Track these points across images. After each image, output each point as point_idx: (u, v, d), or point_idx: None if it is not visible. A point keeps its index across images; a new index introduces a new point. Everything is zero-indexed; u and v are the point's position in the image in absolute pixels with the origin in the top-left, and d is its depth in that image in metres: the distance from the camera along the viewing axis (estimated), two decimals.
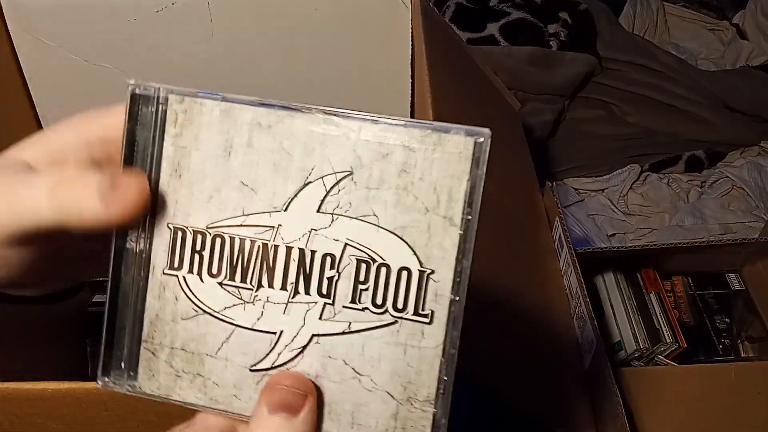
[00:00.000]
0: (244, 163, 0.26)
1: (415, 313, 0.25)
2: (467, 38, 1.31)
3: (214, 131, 0.26)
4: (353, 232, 0.25)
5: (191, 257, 0.27)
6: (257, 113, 0.26)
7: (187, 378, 0.27)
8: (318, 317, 0.26)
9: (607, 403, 0.54)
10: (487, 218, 0.61)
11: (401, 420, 0.25)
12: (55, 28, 0.70)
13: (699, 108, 1.23)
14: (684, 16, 1.53)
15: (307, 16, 0.71)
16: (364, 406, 0.26)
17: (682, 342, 0.74)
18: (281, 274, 0.26)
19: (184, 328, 0.27)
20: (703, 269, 0.86)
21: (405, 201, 0.25)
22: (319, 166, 0.25)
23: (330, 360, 0.26)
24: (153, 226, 0.27)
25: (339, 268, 0.25)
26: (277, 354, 0.26)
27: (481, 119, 0.75)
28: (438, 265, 0.25)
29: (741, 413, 0.64)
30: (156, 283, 0.27)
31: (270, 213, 0.26)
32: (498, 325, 0.51)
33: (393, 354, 0.25)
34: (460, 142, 0.25)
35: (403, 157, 0.25)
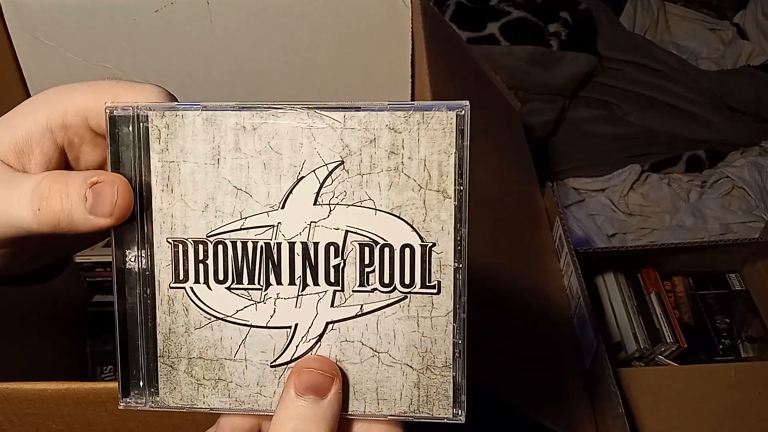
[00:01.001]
0: (234, 168, 0.26)
1: (423, 285, 0.26)
2: (467, 37, 1.31)
3: (199, 141, 0.26)
4: (352, 219, 0.26)
5: (196, 268, 0.27)
6: (240, 117, 0.26)
7: (209, 385, 0.28)
8: (330, 305, 0.27)
9: (607, 403, 0.54)
10: (487, 218, 0.61)
11: (424, 388, 0.27)
12: (54, 27, 0.70)
13: (699, 108, 1.23)
14: (684, 16, 1.53)
15: (307, 16, 0.71)
16: (386, 381, 0.27)
17: (682, 342, 0.73)
18: (288, 270, 0.27)
19: (199, 338, 0.27)
20: (704, 269, 0.86)
21: (398, 181, 0.26)
22: (309, 160, 0.26)
23: (347, 343, 0.27)
24: (152, 243, 0.27)
25: (343, 255, 0.26)
26: (295, 346, 0.27)
27: (481, 119, 0.75)
28: (438, 237, 0.26)
29: (741, 413, 0.64)
30: (164, 299, 0.27)
31: (268, 213, 0.26)
32: (498, 324, 0.51)
33: (407, 328, 0.26)
34: (443, 117, 0.25)
35: (390, 139, 0.25)
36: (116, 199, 0.26)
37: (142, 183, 0.27)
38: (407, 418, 0.27)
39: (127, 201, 0.26)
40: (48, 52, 0.71)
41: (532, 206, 0.75)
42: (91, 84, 0.28)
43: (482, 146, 0.70)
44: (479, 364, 0.45)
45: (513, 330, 0.53)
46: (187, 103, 0.27)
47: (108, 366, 0.78)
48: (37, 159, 0.27)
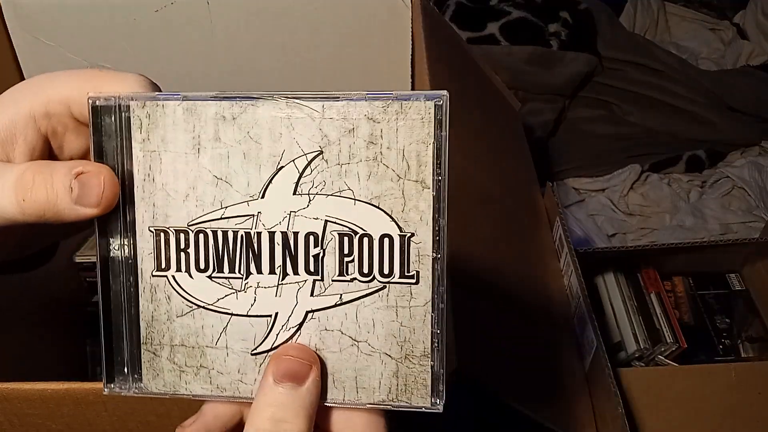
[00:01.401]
0: (215, 158, 0.26)
1: (402, 276, 0.26)
2: (467, 37, 1.31)
3: (180, 131, 0.27)
4: (331, 209, 0.26)
5: (177, 256, 0.27)
6: (220, 107, 0.26)
7: (191, 371, 0.28)
8: (309, 294, 0.27)
9: (607, 403, 0.54)
10: (487, 218, 0.61)
11: (402, 377, 0.27)
12: (54, 27, 0.70)
13: (699, 108, 1.23)
14: (684, 16, 1.53)
15: (307, 16, 0.71)
16: (365, 370, 0.27)
17: (682, 342, 0.73)
18: (268, 259, 0.27)
19: (181, 325, 0.28)
20: (704, 269, 0.86)
21: (377, 171, 0.26)
22: (288, 150, 0.26)
23: (327, 332, 0.27)
24: (134, 232, 0.27)
25: (323, 245, 0.26)
26: (276, 335, 0.27)
27: (481, 119, 0.75)
28: (417, 227, 0.26)
29: (741, 413, 0.63)
30: (147, 287, 0.28)
31: (248, 202, 0.26)
32: (498, 324, 0.51)
33: (386, 317, 0.26)
34: (421, 107, 0.26)
35: (368, 129, 0.26)
36: (103, 189, 0.26)
37: (124, 172, 0.27)
38: (386, 406, 0.27)
39: (113, 191, 0.26)
40: (48, 52, 0.71)
41: (532, 206, 0.75)
42: (74, 72, 0.27)
43: (482, 146, 0.69)
44: (479, 364, 0.45)
45: (513, 330, 0.53)
46: (168, 93, 0.27)
47: None
48: (21, 148, 0.27)
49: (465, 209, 0.56)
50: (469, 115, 0.70)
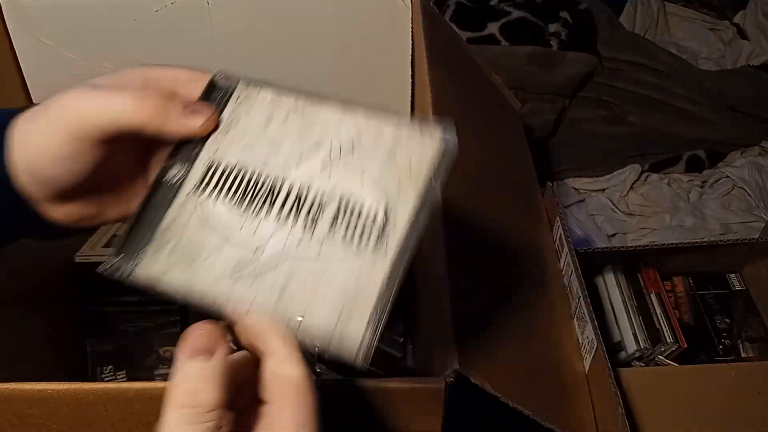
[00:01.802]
0: (277, 132, 0.35)
1: (374, 249, 0.32)
2: (467, 37, 1.31)
3: (263, 108, 0.36)
4: (343, 185, 0.33)
5: (214, 185, 0.34)
6: (298, 102, 0.36)
7: (177, 272, 0.33)
8: (296, 241, 0.32)
9: (607, 403, 0.54)
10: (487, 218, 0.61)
11: (340, 330, 0.30)
12: (54, 27, 0.70)
13: (699, 108, 1.23)
14: (685, 16, 1.53)
15: (307, 16, 0.71)
16: (314, 316, 0.31)
17: (682, 342, 0.73)
18: (278, 208, 0.33)
19: (192, 233, 0.33)
20: (704, 269, 0.86)
21: (386, 169, 0.33)
22: (329, 139, 0.34)
23: (300, 274, 0.32)
24: (194, 162, 0.35)
25: (324, 205, 0.33)
26: (254, 267, 0.32)
27: (481, 119, 0.75)
28: (400, 215, 0.32)
29: (741, 413, 0.63)
30: (179, 202, 0.34)
31: (285, 164, 0.34)
32: (498, 324, 0.51)
33: (350, 277, 0.31)
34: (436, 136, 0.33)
35: (392, 138, 0.34)
36: (208, 118, 0.34)
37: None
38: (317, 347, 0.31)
39: (213, 122, 0.35)
40: (48, 52, 0.71)
41: (532, 206, 0.75)
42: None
43: (482, 146, 0.69)
44: (479, 365, 0.45)
45: (513, 330, 0.53)
46: (266, 82, 0.37)
47: (108, 366, 0.78)
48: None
49: (465, 209, 0.56)
50: (469, 115, 0.70)
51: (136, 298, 0.82)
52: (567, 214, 1.13)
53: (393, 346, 0.76)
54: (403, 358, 0.76)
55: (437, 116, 0.60)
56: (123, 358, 0.79)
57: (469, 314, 0.47)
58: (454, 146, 0.33)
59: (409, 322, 0.78)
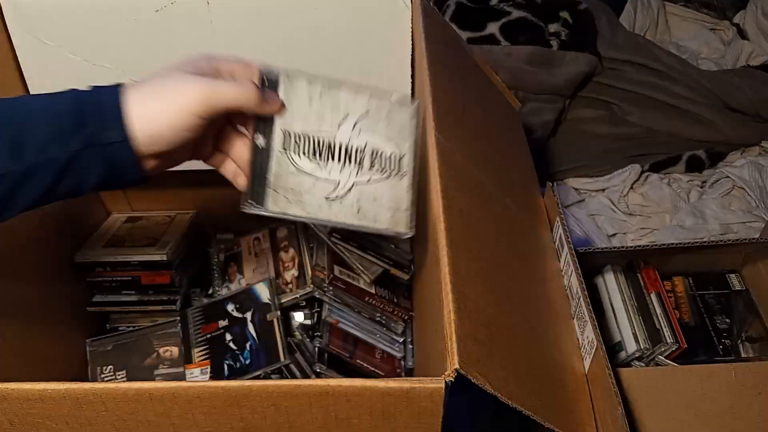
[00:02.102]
0: (318, 107, 0.52)
1: (397, 173, 0.53)
2: (467, 37, 1.31)
3: (302, 91, 0.52)
4: (368, 138, 0.53)
5: (294, 144, 0.51)
6: (323, 84, 0.52)
7: (294, 203, 0.51)
8: (356, 174, 0.52)
9: (607, 403, 0.54)
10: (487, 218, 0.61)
11: (395, 216, 0.53)
12: (54, 28, 0.70)
13: (700, 108, 1.23)
14: (685, 16, 1.53)
15: (307, 16, 0.71)
16: (380, 209, 0.53)
17: (682, 342, 0.73)
18: (337, 155, 0.52)
19: (292, 179, 0.51)
20: (704, 269, 0.86)
21: (390, 127, 0.54)
22: (352, 110, 0.53)
23: (364, 194, 0.52)
24: (272, 131, 0.51)
25: (363, 153, 0.53)
26: (337, 191, 0.52)
27: (482, 119, 0.75)
28: (405, 153, 0.54)
29: (741, 413, 0.63)
30: (275, 156, 0.51)
31: (330, 129, 0.52)
32: (497, 324, 0.51)
33: (390, 189, 0.53)
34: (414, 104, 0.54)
35: (388, 108, 0.54)
36: (278, 102, 0.51)
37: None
38: (381, 228, 0.52)
39: (280, 105, 0.51)
40: (48, 52, 0.71)
41: (532, 206, 0.75)
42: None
43: (482, 146, 0.69)
44: (479, 364, 0.45)
45: (513, 329, 0.53)
46: (299, 71, 0.52)
47: (108, 366, 0.79)
48: None
49: (465, 209, 0.56)
50: (469, 115, 0.70)
51: (137, 298, 0.82)
52: (567, 214, 1.13)
53: (393, 346, 0.76)
54: (403, 358, 0.76)
55: (436, 117, 0.60)
56: (123, 358, 0.79)
57: (469, 314, 0.47)
58: (421, 109, 0.56)
59: (409, 322, 0.78)
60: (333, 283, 0.74)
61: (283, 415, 0.46)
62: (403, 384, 0.43)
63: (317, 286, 0.75)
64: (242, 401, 0.44)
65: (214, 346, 0.75)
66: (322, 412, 0.45)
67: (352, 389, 0.43)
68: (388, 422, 0.46)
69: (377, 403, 0.44)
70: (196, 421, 0.45)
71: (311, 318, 0.80)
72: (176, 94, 0.45)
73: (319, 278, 0.75)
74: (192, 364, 0.74)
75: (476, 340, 0.46)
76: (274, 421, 0.46)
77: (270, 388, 0.43)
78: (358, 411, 0.45)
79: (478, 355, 0.45)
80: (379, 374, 0.73)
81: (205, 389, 0.43)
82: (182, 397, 0.43)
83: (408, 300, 0.79)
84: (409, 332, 0.78)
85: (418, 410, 0.45)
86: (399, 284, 0.79)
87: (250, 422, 0.46)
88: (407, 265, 0.77)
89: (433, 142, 0.57)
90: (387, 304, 0.76)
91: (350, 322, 0.76)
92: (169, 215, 0.89)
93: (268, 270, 0.83)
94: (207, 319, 0.78)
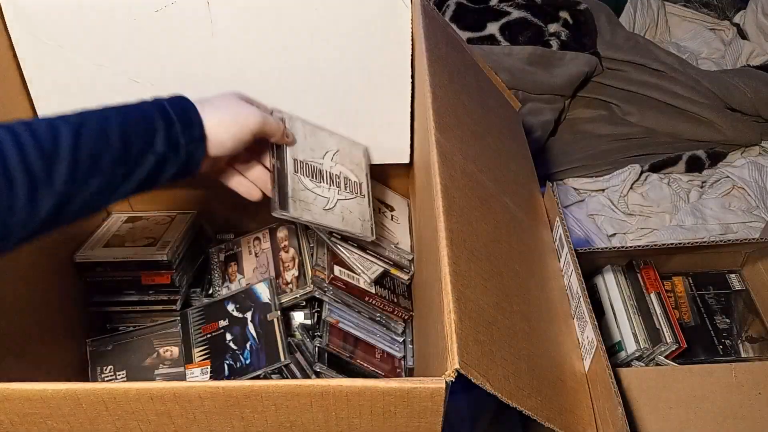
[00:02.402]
0: (309, 143, 0.70)
1: (359, 194, 0.72)
2: (467, 38, 1.31)
3: (299, 130, 0.70)
4: (341, 168, 0.72)
5: (300, 169, 0.68)
6: (310, 127, 0.72)
7: (305, 211, 0.66)
8: (337, 193, 0.70)
9: (607, 403, 0.55)
10: (487, 218, 0.61)
11: (363, 225, 0.70)
12: (54, 27, 0.70)
13: (700, 108, 1.23)
14: (685, 16, 1.53)
15: (307, 16, 0.71)
16: (355, 219, 0.70)
17: (682, 342, 0.73)
18: (326, 179, 0.70)
19: (302, 194, 0.67)
20: (704, 269, 0.86)
21: (353, 161, 0.75)
22: (330, 148, 0.73)
23: (345, 207, 0.69)
24: (284, 159, 0.66)
25: (340, 178, 0.71)
26: (329, 204, 0.68)
27: (481, 119, 0.75)
28: (363, 180, 0.74)
29: (741, 413, 0.63)
30: (291, 176, 0.66)
31: (319, 159, 0.71)
32: (498, 324, 0.51)
33: (357, 206, 0.71)
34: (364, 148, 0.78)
35: (349, 148, 0.75)
36: (292, 137, 0.68)
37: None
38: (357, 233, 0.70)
39: (293, 139, 0.68)
40: (48, 52, 0.71)
41: (532, 206, 0.75)
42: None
43: (482, 146, 0.70)
44: (479, 364, 0.45)
45: (513, 329, 0.53)
46: (297, 117, 0.71)
47: (108, 366, 0.79)
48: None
49: (465, 209, 0.56)
50: (469, 115, 0.70)
51: (137, 298, 0.82)
52: (567, 214, 1.13)
53: (393, 346, 0.76)
54: (403, 357, 0.76)
55: (436, 116, 0.60)
56: (123, 358, 0.79)
57: (469, 314, 0.47)
58: (367, 151, 0.78)
59: (409, 322, 0.78)
60: (333, 282, 0.74)
61: (283, 415, 0.46)
62: (403, 384, 0.43)
63: (317, 286, 0.75)
64: (243, 401, 0.44)
65: (214, 346, 0.75)
66: (322, 412, 0.45)
67: (352, 389, 0.44)
68: (389, 422, 0.46)
69: (378, 403, 0.44)
70: (197, 421, 0.45)
71: (311, 318, 0.80)
72: (240, 115, 0.59)
73: (319, 278, 0.75)
74: (192, 363, 0.74)
75: (476, 339, 0.46)
76: (274, 421, 0.46)
77: (270, 388, 0.43)
78: (359, 411, 0.45)
79: (479, 354, 0.45)
80: (380, 374, 0.73)
81: (206, 389, 0.43)
82: (183, 397, 0.43)
83: (408, 300, 0.79)
84: (409, 332, 0.78)
85: (418, 410, 0.45)
86: (399, 284, 0.79)
87: (250, 422, 0.46)
88: (407, 266, 0.78)
89: (433, 142, 0.57)
90: (387, 303, 0.76)
91: (350, 322, 0.76)
92: (170, 215, 0.89)
93: (269, 270, 0.83)
94: (207, 319, 0.78)
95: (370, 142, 0.79)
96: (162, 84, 0.74)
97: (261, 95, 0.77)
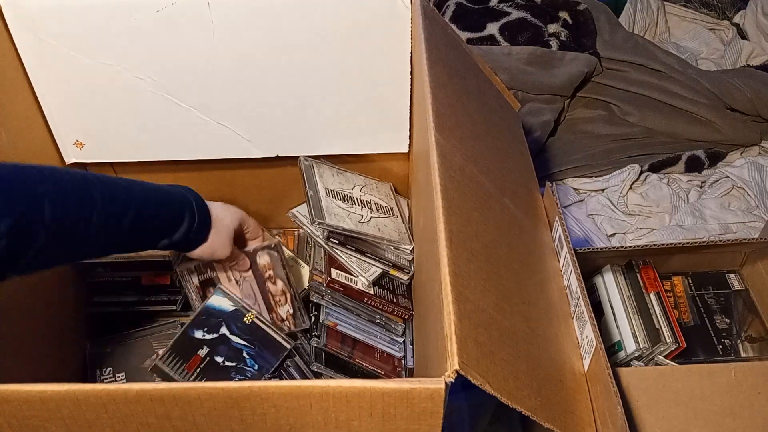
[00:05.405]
0: (339, 179, 0.84)
1: (391, 215, 0.83)
2: (467, 38, 1.31)
3: (328, 171, 0.84)
4: (371, 197, 0.84)
5: (332, 195, 0.79)
6: (337, 168, 0.85)
7: (340, 221, 0.75)
8: (370, 213, 0.80)
9: (607, 403, 0.55)
10: (487, 218, 0.61)
11: (401, 235, 0.79)
12: (55, 27, 0.70)
13: (699, 108, 1.23)
14: (684, 16, 1.53)
15: (307, 16, 0.71)
16: (391, 231, 0.79)
17: (681, 342, 0.73)
18: (358, 203, 0.81)
19: (336, 211, 0.77)
20: (703, 269, 0.86)
21: (379, 191, 0.87)
22: (356, 183, 0.85)
23: (379, 222, 0.79)
24: (318, 189, 0.79)
25: (371, 203, 0.82)
26: (364, 219, 0.78)
27: (481, 119, 0.75)
28: (394, 205, 0.85)
29: (741, 413, 0.63)
30: (324, 198, 0.77)
31: (349, 190, 0.82)
32: (497, 324, 0.51)
33: (392, 222, 0.81)
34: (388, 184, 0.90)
35: (375, 183, 0.88)
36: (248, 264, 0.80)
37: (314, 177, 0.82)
38: (395, 240, 0.78)
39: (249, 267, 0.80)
40: (50, 51, 0.71)
41: (532, 206, 0.75)
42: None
43: (482, 146, 0.69)
44: (479, 364, 0.45)
45: (512, 330, 0.53)
46: (323, 161, 0.85)
47: (107, 368, 0.78)
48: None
49: (465, 209, 0.56)
50: (469, 115, 0.70)
51: (137, 299, 0.82)
52: (566, 214, 1.13)
53: (393, 347, 0.76)
54: (403, 357, 0.76)
55: (436, 117, 0.60)
56: (123, 360, 0.79)
57: (468, 314, 0.47)
58: (392, 186, 0.89)
59: (409, 321, 0.78)
60: (330, 286, 0.74)
61: (283, 417, 0.46)
62: (403, 385, 0.43)
63: (315, 290, 0.75)
64: (242, 402, 0.44)
65: (212, 375, 0.70)
66: (322, 413, 0.45)
67: (352, 390, 0.43)
68: (389, 423, 0.46)
69: (377, 403, 0.44)
70: (197, 423, 0.45)
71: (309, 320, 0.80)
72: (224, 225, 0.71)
73: (316, 282, 0.75)
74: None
75: (476, 340, 0.46)
76: (274, 423, 0.46)
77: (270, 390, 0.43)
78: (359, 412, 0.45)
79: (478, 355, 0.45)
80: (379, 373, 0.73)
81: (206, 390, 0.43)
82: (182, 399, 0.43)
83: (408, 299, 0.79)
84: (409, 332, 0.77)
85: (418, 411, 0.45)
86: (398, 284, 0.79)
87: (250, 423, 0.46)
88: (407, 266, 0.78)
89: (433, 142, 0.57)
90: (386, 304, 0.76)
91: (349, 324, 0.75)
92: None
93: (257, 302, 0.77)
94: (184, 358, 0.71)
95: (369, 141, 0.79)
96: (162, 84, 0.74)
97: (260, 95, 0.77)
